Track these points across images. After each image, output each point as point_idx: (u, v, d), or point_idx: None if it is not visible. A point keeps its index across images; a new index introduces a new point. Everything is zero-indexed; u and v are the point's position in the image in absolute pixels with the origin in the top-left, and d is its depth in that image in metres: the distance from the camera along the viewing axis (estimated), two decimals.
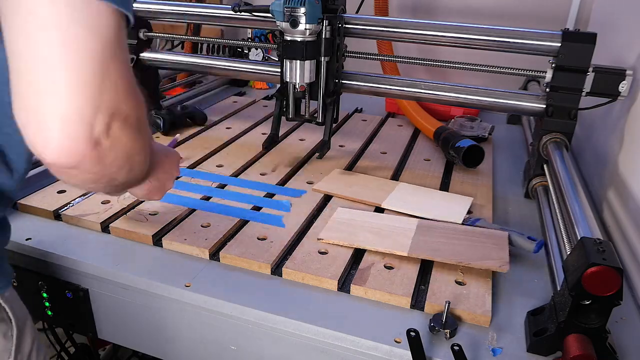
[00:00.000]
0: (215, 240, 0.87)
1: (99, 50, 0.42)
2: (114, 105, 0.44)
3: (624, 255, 0.93)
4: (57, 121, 0.41)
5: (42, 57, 0.40)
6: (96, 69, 0.42)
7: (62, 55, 0.40)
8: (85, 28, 0.41)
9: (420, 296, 0.77)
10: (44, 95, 0.41)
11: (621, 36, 1.23)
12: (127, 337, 0.87)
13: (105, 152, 0.45)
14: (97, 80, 0.42)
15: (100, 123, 0.43)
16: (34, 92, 0.41)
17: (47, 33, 0.39)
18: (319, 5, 1.04)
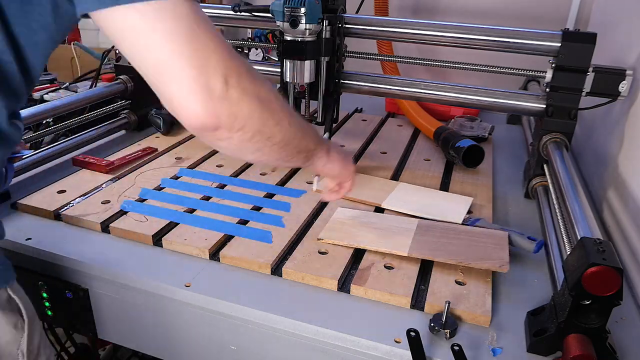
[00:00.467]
0: (215, 240, 0.87)
1: (188, 32, 0.52)
2: (222, 64, 0.53)
3: (624, 255, 0.93)
4: (185, 96, 0.52)
5: (154, 58, 0.52)
6: (192, 47, 0.52)
7: (165, 48, 0.51)
8: (172, 21, 0.51)
9: (420, 296, 0.77)
10: (170, 85, 0.53)
11: (621, 36, 1.23)
12: (127, 337, 0.87)
13: (236, 105, 0.55)
14: (195, 53, 0.52)
15: (217, 82, 0.53)
16: (164, 85, 0.53)
17: (150, 39, 0.51)
18: (319, 5, 1.04)
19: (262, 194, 1.05)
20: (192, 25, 0.52)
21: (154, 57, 0.52)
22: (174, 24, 0.51)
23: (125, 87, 1.32)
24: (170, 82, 0.52)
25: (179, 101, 0.53)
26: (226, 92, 0.54)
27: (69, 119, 1.27)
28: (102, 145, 1.29)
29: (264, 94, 0.58)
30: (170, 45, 0.51)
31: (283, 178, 1.13)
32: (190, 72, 0.51)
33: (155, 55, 0.51)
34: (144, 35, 0.51)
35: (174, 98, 0.53)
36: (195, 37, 0.52)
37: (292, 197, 1.04)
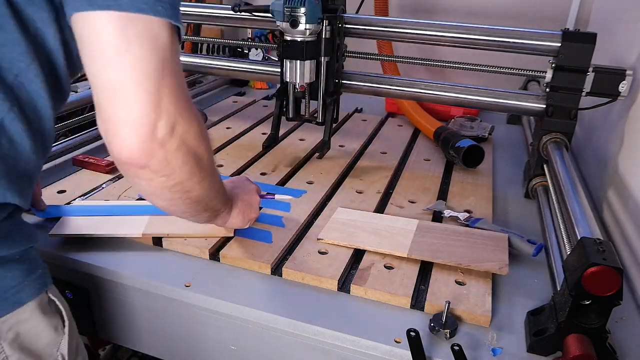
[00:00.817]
0: (215, 240, 0.87)
1: (159, 67, 0.50)
2: (174, 110, 0.52)
3: (624, 255, 0.93)
4: (128, 126, 0.51)
5: (114, 78, 0.50)
6: (156, 82, 0.50)
7: (130, 74, 0.49)
8: (148, 49, 0.50)
9: (420, 296, 0.77)
10: (118, 108, 0.50)
11: (621, 36, 1.23)
12: (127, 337, 0.87)
13: (172, 153, 0.54)
14: (158, 91, 0.51)
15: (164, 125, 0.52)
16: (112, 105, 0.51)
17: (121, 57, 0.49)
18: (319, 5, 1.04)
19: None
20: (165, 61, 0.51)
21: (114, 76, 0.50)
22: (149, 54, 0.50)
23: None
24: (119, 107, 0.50)
25: (119, 129, 0.51)
26: (169, 138, 0.53)
27: (69, 119, 1.27)
28: (102, 145, 1.29)
29: (201, 152, 0.58)
30: (136, 73, 0.49)
31: (283, 178, 1.13)
32: (142, 107, 0.50)
33: (116, 75, 0.49)
34: (114, 51, 0.49)
35: (115, 123, 0.51)
36: (163, 75, 0.51)
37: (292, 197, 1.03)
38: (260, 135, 1.38)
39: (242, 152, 1.26)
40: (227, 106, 1.64)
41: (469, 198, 1.07)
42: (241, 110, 1.61)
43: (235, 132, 1.39)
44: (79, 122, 1.27)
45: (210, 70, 1.38)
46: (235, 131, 1.40)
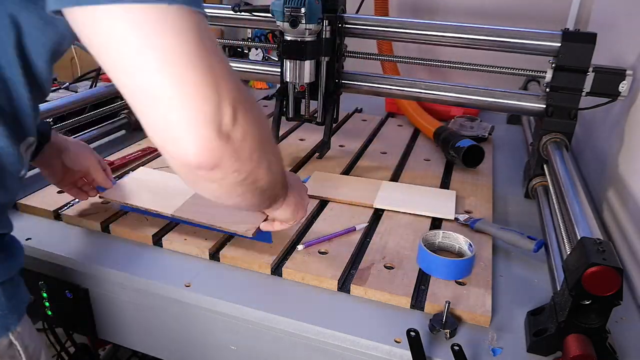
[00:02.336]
0: (215, 240, 0.87)
1: (193, 52, 0.43)
2: (231, 95, 0.45)
3: (624, 255, 0.93)
4: (187, 129, 0.44)
5: (147, 81, 0.42)
6: (198, 69, 0.43)
7: (164, 70, 0.42)
8: (174, 37, 0.42)
9: (420, 296, 0.77)
10: (167, 114, 0.43)
11: (621, 36, 1.23)
12: (127, 337, 0.87)
13: (239, 144, 0.47)
14: (204, 78, 0.43)
15: (225, 115, 0.45)
16: (158, 115, 0.44)
17: (144, 57, 0.41)
18: (319, 5, 1.04)
19: None
20: (198, 43, 0.43)
21: (146, 79, 0.42)
22: (177, 41, 0.42)
23: None
24: (167, 112, 0.43)
25: (177, 134, 0.44)
26: (232, 128, 0.46)
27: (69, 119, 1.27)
28: (102, 145, 1.29)
29: (265, 134, 0.53)
30: (171, 68, 0.42)
31: None
32: (195, 103, 0.43)
33: (149, 78, 0.42)
34: (134, 51, 0.41)
35: (169, 130, 0.44)
36: (203, 58, 0.43)
37: None
38: None
39: None
40: None
41: (469, 198, 1.07)
42: None
43: None
44: (79, 122, 1.26)
45: None
46: None
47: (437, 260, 0.79)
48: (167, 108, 0.43)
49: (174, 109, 0.43)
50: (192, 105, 0.43)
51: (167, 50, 0.42)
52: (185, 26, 0.42)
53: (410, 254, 0.85)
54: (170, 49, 0.42)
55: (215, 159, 0.46)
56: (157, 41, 0.41)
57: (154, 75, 0.42)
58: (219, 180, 0.50)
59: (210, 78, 0.44)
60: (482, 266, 0.83)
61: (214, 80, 0.44)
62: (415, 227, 0.94)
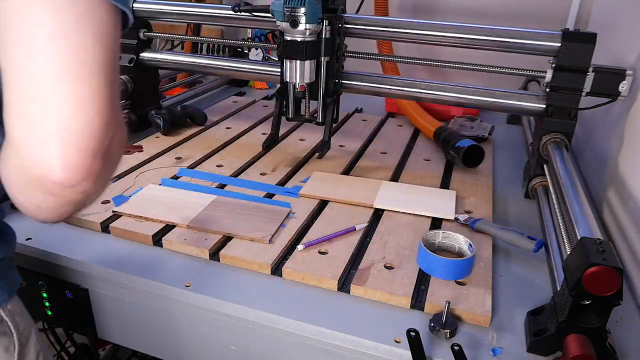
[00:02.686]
0: (215, 240, 0.87)
1: (105, 60, 0.40)
2: (116, 116, 0.42)
3: (624, 255, 0.93)
4: (69, 135, 0.39)
5: (48, 69, 0.38)
6: (105, 79, 0.40)
7: (70, 66, 0.38)
8: (92, 36, 0.39)
9: (420, 296, 0.77)
10: (52, 110, 0.38)
11: (621, 36, 1.23)
12: (127, 337, 0.87)
13: (109, 166, 0.44)
14: (106, 91, 0.40)
15: (109, 135, 0.41)
16: (40, 106, 0.38)
17: (54, 43, 0.37)
18: (319, 5, 1.04)
19: (262, 194, 1.05)
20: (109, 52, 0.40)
21: (46, 67, 0.37)
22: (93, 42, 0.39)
23: (125, 87, 1.32)
24: (53, 109, 0.38)
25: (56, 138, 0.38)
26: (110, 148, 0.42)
27: None
28: None
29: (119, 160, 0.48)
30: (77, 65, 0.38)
31: (283, 178, 1.13)
32: (87, 106, 0.39)
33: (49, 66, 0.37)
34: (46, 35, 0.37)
35: (48, 129, 0.38)
36: (108, 69, 0.40)
37: (292, 197, 1.04)
38: (260, 135, 1.38)
39: (242, 152, 1.26)
40: (227, 106, 1.64)
41: (469, 198, 1.07)
42: (241, 110, 1.61)
43: (235, 132, 1.39)
44: None
45: (210, 70, 1.38)
46: (235, 131, 1.40)
47: (437, 260, 0.79)
48: (56, 103, 0.38)
49: (64, 108, 0.38)
50: (86, 113, 0.39)
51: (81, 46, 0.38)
52: (105, 30, 0.39)
53: (410, 254, 0.85)
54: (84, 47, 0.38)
55: (86, 176, 0.41)
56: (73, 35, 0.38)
57: (57, 65, 0.38)
58: (62, 197, 0.43)
59: (109, 93, 0.40)
60: (482, 266, 0.83)
61: (110, 97, 0.41)
62: (415, 227, 0.94)
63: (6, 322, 0.61)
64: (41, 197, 0.44)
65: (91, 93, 0.39)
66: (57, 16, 0.37)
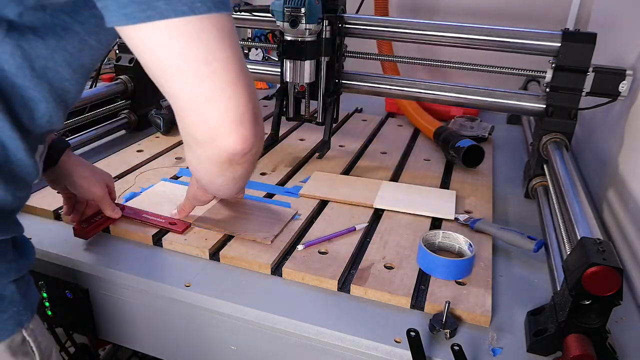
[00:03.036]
0: (215, 240, 0.87)
1: (238, 53, 0.52)
2: (255, 89, 0.55)
3: (624, 255, 0.93)
4: (239, 119, 0.53)
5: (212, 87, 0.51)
6: (241, 67, 0.52)
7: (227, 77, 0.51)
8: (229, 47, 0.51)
9: (420, 296, 0.77)
10: (223, 110, 0.52)
11: (621, 36, 1.23)
12: (127, 337, 0.87)
13: (261, 130, 0.58)
14: (245, 74, 0.53)
15: (255, 103, 0.55)
16: (216, 110, 0.52)
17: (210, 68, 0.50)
18: (319, 5, 1.04)
19: (262, 194, 1.05)
20: (233, 46, 0.51)
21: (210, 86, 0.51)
22: (232, 52, 0.51)
23: (125, 87, 1.32)
24: (223, 109, 0.52)
25: (231, 126, 0.53)
26: (259, 115, 0.56)
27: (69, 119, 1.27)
28: (102, 145, 1.29)
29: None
30: (231, 74, 0.51)
31: (283, 178, 1.13)
32: (241, 98, 0.52)
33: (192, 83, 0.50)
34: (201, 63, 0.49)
35: (226, 123, 0.53)
36: (237, 60, 0.51)
37: (292, 197, 1.04)
38: None
39: None
40: None
41: (469, 198, 1.07)
42: None
43: None
44: (79, 122, 1.27)
45: None
46: None
47: (437, 260, 0.79)
48: (225, 106, 0.52)
49: (231, 104, 0.52)
50: (240, 100, 0.52)
51: (229, 60, 0.50)
52: (220, 34, 0.50)
53: (410, 254, 0.85)
54: (229, 59, 0.50)
55: (251, 144, 0.56)
56: (219, 54, 0.50)
57: (217, 82, 0.50)
58: (248, 163, 0.60)
59: (243, 76, 0.52)
60: (482, 266, 0.83)
61: (246, 79, 0.53)
62: (415, 227, 0.94)
63: (28, 342, 0.60)
64: (234, 170, 0.61)
65: (235, 88, 0.52)
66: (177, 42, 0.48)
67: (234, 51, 0.51)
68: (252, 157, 0.59)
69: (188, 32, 0.48)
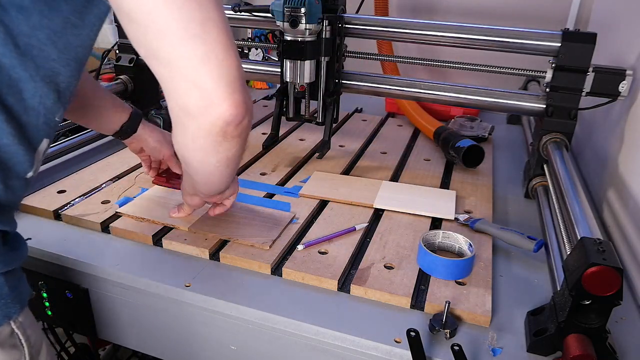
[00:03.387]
0: (215, 240, 0.87)
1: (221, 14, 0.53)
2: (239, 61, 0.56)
3: (624, 255, 0.93)
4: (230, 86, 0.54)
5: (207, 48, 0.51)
6: (228, 33, 0.53)
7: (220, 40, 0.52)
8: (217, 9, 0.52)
9: (420, 296, 0.77)
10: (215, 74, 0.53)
11: (621, 36, 1.23)
12: (127, 337, 0.87)
13: (249, 100, 0.58)
14: (231, 41, 0.54)
15: (243, 75, 0.56)
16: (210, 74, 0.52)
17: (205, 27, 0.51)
18: (319, 5, 1.04)
19: (262, 194, 1.05)
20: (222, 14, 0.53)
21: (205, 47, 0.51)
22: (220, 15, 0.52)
23: (125, 87, 1.32)
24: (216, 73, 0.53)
25: (223, 92, 0.54)
26: (246, 86, 0.57)
27: None
28: (102, 145, 1.29)
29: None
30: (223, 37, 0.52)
31: (283, 178, 1.13)
32: (233, 64, 0.53)
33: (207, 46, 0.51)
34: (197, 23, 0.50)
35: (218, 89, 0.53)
36: (227, 27, 0.53)
37: (292, 197, 1.04)
38: (260, 135, 1.38)
39: None
40: None
41: (469, 198, 1.07)
42: None
43: None
44: None
45: None
46: None
47: (437, 260, 0.79)
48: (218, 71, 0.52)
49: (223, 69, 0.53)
50: (232, 66, 0.53)
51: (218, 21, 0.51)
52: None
53: (410, 254, 0.85)
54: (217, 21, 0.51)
55: (244, 112, 0.56)
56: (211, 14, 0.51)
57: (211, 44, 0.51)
58: (238, 137, 0.59)
59: (232, 41, 0.53)
60: (482, 266, 0.83)
61: (234, 44, 0.54)
62: (415, 227, 0.94)
63: (17, 335, 0.60)
64: (228, 145, 0.60)
65: (227, 51, 0.53)
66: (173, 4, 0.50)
67: (223, 14, 0.53)
68: (244, 131, 0.60)
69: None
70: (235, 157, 0.65)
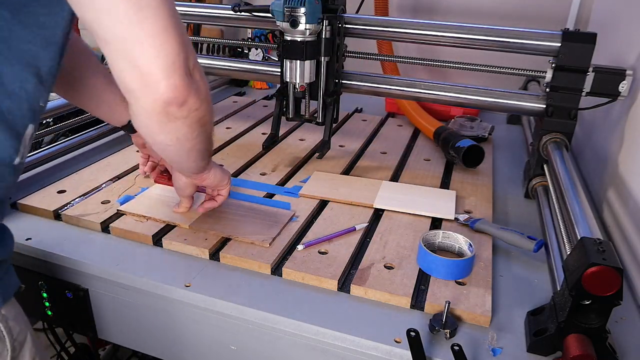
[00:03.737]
0: (215, 240, 0.87)
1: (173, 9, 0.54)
2: (190, 45, 0.57)
3: (624, 255, 0.93)
4: (164, 70, 0.54)
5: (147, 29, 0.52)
6: (177, 23, 0.54)
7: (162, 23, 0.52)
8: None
9: (420, 296, 0.77)
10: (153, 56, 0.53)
11: (621, 36, 1.23)
12: (127, 337, 0.87)
13: (199, 84, 0.59)
14: (180, 29, 0.55)
15: (191, 59, 0.57)
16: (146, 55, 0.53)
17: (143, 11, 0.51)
18: (319, 5, 1.04)
19: (262, 194, 1.05)
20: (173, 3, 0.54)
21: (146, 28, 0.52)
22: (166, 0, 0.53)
23: None
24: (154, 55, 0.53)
25: (160, 74, 0.54)
26: (194, 71, 0.58)
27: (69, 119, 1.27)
28: (102, 145, 1.29)
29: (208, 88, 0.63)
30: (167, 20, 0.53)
31: (283, 178, 1.13)
32: (175, 47, 0.54)
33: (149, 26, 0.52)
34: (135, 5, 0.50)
35: (156, 70, 0.54)
36: (176, 15, 0.54)
37: (292, 197, 1.04)
38: (260, 135, 1.38)
39: (242, 152, 1.26)
40: (227, 106, 1.64)
41: (469, 198, 1.07)
42: (241, 110, 1.61)
43: (235, 132, 1.39)
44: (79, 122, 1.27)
45: (210, 70, 1.38)
46: (235, 131, 1.40)
47: (437, 260, 0.79)
48: (156, 52, 0.53)
49: (162, 52, 0.53)
50: (173, 49, 0.54)
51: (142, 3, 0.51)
52: None
53: (410, 254, 0.85)
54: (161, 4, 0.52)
55: (186, 93, 0.57)
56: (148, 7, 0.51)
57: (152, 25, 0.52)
58: (184, 117, 0.60)
59: (179, 27, 0.54)
60: (482, 266, 0.83)
61: (180, 31, 0.55)
62: (415, 227, 0.94)
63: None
64: (174, 126, 0.61)
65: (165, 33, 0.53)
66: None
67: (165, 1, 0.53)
68: (192, 113, 0.60)
69: None
70: (188, 138, 0.65)
